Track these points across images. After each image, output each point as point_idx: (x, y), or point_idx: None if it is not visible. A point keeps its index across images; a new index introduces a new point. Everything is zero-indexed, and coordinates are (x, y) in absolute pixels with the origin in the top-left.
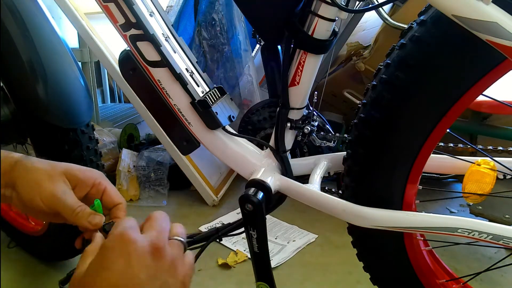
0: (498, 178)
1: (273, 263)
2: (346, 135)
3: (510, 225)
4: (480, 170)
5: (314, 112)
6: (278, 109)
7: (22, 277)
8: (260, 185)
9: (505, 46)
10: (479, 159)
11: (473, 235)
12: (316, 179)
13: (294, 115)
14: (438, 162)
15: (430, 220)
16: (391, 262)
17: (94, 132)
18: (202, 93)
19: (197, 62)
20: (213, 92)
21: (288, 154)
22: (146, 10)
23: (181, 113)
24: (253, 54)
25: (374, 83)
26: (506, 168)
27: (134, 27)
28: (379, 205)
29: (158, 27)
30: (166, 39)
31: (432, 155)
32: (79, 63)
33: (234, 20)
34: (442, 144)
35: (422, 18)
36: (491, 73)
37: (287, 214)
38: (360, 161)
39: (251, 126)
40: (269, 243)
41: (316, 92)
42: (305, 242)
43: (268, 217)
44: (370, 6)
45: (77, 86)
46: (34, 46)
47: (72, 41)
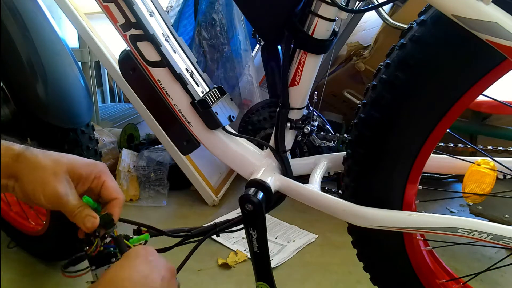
0: (498, 178)
1: (273, 263)
2: (346, 135)
3: (510, 225)
4: (480, 170)
5: (314, 112)
6: (278, 109)
7: (22, 277)
8: (260, 185)
9: (505, 46)
10: (479, 159)
11: (473, 235)
12: (316, 179)
13: (294, 115)
14: (438, 162)
15: (430, 220)
16: (391, 262)
17: (94, 132)
18: (202, 93)
19: (197, 62)
20: (213, 92)
21: (288, 154)
22: (146, 10)
23: (181, 113)
24: (253, 54)
25: (374, 83)
26: (506, 168)
27: (134, 27)
28: (379, 205)
29: (158, 27)
30: (166, 39)
31: (432, 155)
32: (79, 63)
33: (234, 20)
34: (442, 144)
35: (422, 18)
36: (491, 73)
37: (287, 214)
38: (360, 161)
39: (251, 126)
40: (269, 243)
41: (316, 92)
42: (305, 242)
43: (268, 217)
44: (370, 6)
45: (77, 86)
46: (34, 46)
47: (72, 41)
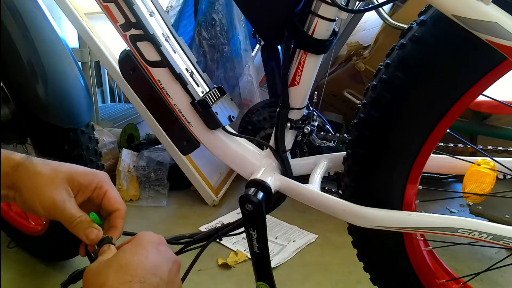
0: (498, 178)
1: (273, 263)
2: (346, 135)
3: (510, 225)
4: (480, 170)
5: (314, 112)
6: (278, 109)
7: (22, 277)
8: (260, 185)
9: (505, 46)
10: (479, 159)
11: (473, 235)
12: (316, 179)
13: (294, 115)
14: (438, 162)
15: (430, 220)
16: (391, 262)
17: (94, 132)
18: (202, 93)
19: (197, 62)
20: (213, 92)
21: (288, 154)
22: (146, 10)
23: (181, 113)
24: (253, 54)
25: (374, 83)
26: (506, 168)
27: (134, 27)
28: (379, 205)
29: (158, 27)
30: (166, 39)
31: (432, 155)
32: (79, 63)
33: (234, 20)
34: (442, 144)
35: (422, 18)
36: (491, 73)
37: (287, 214)
38: (360, 161)
39: (251, 126)
40: (269, 243)
41: (316, 92)
42: (305, 242)
43: (268, 217)
44: (370, 6)
45: (77, 86)
46: (34, 46)
47: (72, 41)
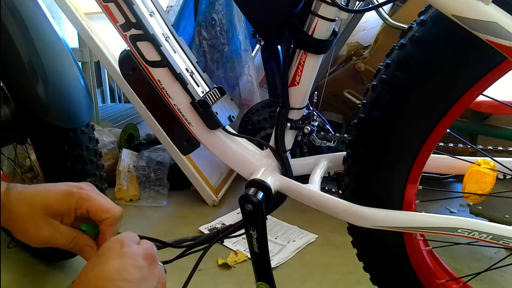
0: (498, 178)
1: (273, 263)
2: (346, 135)
3: (510, 225)
4: (480, 170)
5: (314, 112)
6: (278, 109)
7: (22, 277)
8: (260, 185)
9: (505, 46)
10: (479, 159)
11: (473, 235)
12: (316, 179)
13: (294, 115)
14: (438, 162)
15: (430, 220)
16: (391, 262)
17: (94, 132)
18: (202, 93)
19: (197, 62)
20: (213, 92)
21: (288, 154)
22: (146, 10)
23: (181, 113)
24: (253, 54)
25: (374, 83)
26: (506, 168)
27: (134, 27)
28: (379, 205)
29: (158, 27)
30: (166, 39)
31: (432, 155)
32: (79, 63)
33: (234, 20)
34: (442, 144)
35: (422, 18)
36: (491, 73)
37: (287, 214)
38: (360, 161)
39: (251, 126)
40: (269, 243)
41: (316, 92)
42: (305, 242)
43: (268, 217)
44: (370, 6)
45: (77, 86)
46: (34, 46)
47: (72, 41)
